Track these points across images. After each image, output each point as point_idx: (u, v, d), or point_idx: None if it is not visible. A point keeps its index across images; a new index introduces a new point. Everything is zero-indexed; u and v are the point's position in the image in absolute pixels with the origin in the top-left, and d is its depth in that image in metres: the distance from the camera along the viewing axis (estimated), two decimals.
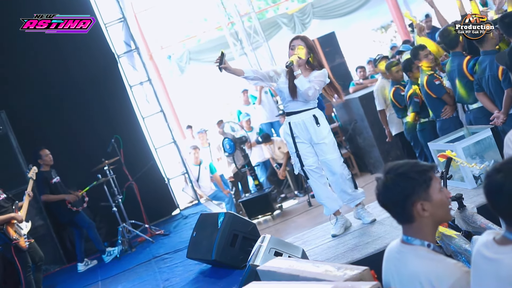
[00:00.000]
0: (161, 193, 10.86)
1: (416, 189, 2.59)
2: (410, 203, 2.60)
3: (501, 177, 2.33)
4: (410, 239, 2.66)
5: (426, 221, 2.63)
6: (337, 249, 5.65)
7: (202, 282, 6.29)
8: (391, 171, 2.64)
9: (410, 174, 2.60)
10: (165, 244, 8.77)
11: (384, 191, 2.64)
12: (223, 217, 6.30)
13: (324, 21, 18.63)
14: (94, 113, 10.50)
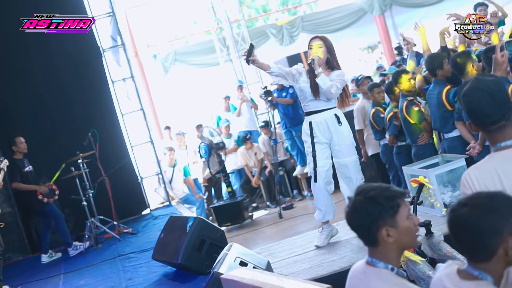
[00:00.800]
0: (133, 192, 10.81)
1: (383, 214, 2.60)
2: (375, 228, 2.61)
3: (466, 211, 2.34)
4: (375, 261, 2.67)
5: (391, 246, 2.64)
6: (302, 264, 5.66)
7: (165, 284, 6.27)
8: (361, 193, 2.65)
9: (378, 199, 2.61)
10: (132, 243, 8.73)
11: (352, 213, 2.65)
12: (192, 222, 6.29)
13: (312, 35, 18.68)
14: (74, 105, 10.45)
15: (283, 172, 12.59)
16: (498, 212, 2.31)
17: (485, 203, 2.34)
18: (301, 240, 6.65)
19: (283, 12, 23.15)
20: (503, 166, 2.92)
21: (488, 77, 3.05)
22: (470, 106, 2.99)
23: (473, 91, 2.99)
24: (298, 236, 7.01)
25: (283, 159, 12.76)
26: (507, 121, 2.96)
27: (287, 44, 18.39)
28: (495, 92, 2.95)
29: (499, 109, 2.93)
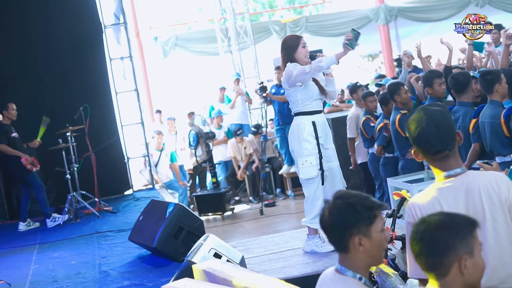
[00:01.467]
0: (117, 171, 10.80)
1: (359, 222, 2.61)
2: (349, 234, 2.62)
3: (424, 226, 2.41)
4: (344, 269, 2.69)
5: (360, 255, 2.65)
6: (276, 263, 5.68)
7: (138, 267, 6.28)
8: (340, 198, 2.67)
9: (357, 206, 2.62)
10: (110, 221, 8.73)
11: (328, 216, 2.66)
12: (172, 208, 6.29)
13: (315, 37, 18.70)
14: (69, 77, 10.43)
15: (269, 169, 12.61)
16: (454, 229, 2.37)
17: (443, 220, 2.39)
18: (279, 239, 6.67)
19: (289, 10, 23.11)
20: (445, 196, 2.98)
21: (435, 107, 3.11)
22: (415, 134, 3.04)
23: (418, 119, 3.04)
24: (276, 235, 7.04)
25: (271, 157, 12.79)
26: (450, 151, 3.01)
27: None
28: (440, 122, 3.00)
29: (443, 139, 2.99)
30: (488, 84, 5.91)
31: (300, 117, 5.86)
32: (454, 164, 3.04)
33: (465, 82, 6.42)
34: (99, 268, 6.36)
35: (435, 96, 7.00)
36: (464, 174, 3.04)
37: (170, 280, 4.44)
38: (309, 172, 5.77)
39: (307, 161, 5.77)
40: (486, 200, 2.95)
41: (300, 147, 5.79)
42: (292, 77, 5.70)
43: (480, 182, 2.99)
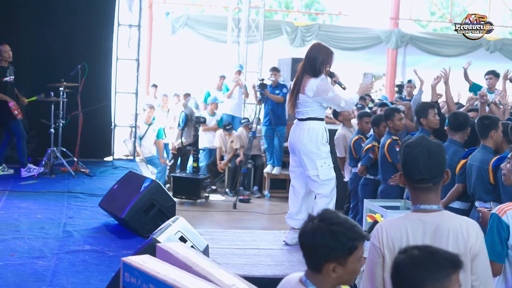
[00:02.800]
0: (102, 136, 10.74)
1: (337, 252, 2.60)
2: (324, 260, 2.62)
3: (403, 258, 2.36)
4: (308, 283, 2.68)
5: (330, 279, 2.66)
6: (239, 259, 5.68)
7: (102, 234, 6.26)
8: (325, 221, 2.64)
9: (339, 236, 2.60)
10: (84, 183, 8.70)
11: (309, 235, 2.64)
12: (148, 183, 6.28)
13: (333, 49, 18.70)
14: (75, 34, 10.36)
15: (251, 166, 12.62)
16: (430, 271, 2.33)
17: (424, 257, 2.34)
18: (246, 236, 6.67)
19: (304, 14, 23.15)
20: (414, 228, 2.98)
21: (434, 140, 3.12)
22: (407, 158, 3.04)
23: (415, 145, 3.05)
24: (244, 231, 7.05)
25: (256, 154, 12.78)
26: (434, 185, 3.01)
27: (297, 46, 18.40)
28: (435, 154, 3.01)
29: (432, 171, 2.99)
30: (485, 128, 5.93)
31: (315, 122, 6.07)
32: (433, 200, 3.04)
33: (464, 123, 6.48)
34: (63, 227, 6.33)
35: (429, 126, 7.05)
36: (439, 212, 3.04)
37: (131, 253, 4.43)
38: (328, 173, 6.06)
39: (325, 163, 6.05)
40: (452, 244, 2.95)
41: (319, 150, 6.03)
42: (337, 102, 6.02)
43: (452, 224, 2.99)
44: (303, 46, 18.41)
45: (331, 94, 5.95)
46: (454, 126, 6.50)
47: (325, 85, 5.99)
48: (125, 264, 3.22)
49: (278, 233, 6.75)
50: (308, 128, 6.05)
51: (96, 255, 5.48)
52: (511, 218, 3.58)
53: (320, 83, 5.97)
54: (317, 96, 5.98)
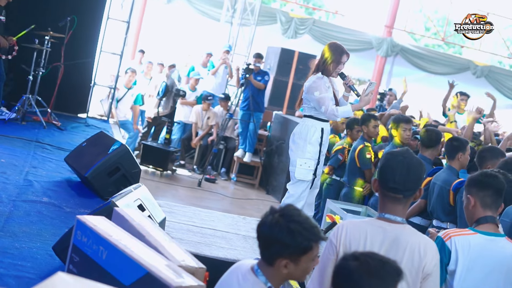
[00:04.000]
0: (80, 92, 10.64)
1: (291, 250, 2.64)
2: (278, 255, 2.66)
3: (355, 265, 2.34)
4: (259, 273, 2.72)
5: (282, 274, 2.69)
6: (194, 236, 5.69)
7: (62, 189, 6.22)
8: (285, 217, 2.67)
9: (296, 235, 2.63)
10: (54, 136, 8.63)
11: (267, 228, 2.67)
12: (117, 146, 6.25)
13: (314, 41, 18.73)
14: None
15: (223, 147, 12.62)
16: (383, 279, 2.34)
17: (376, 266, 2.34)
18: (205, 215, 6.67)
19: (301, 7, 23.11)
20: (374, 234, 3.03)
21: (416, 157, 3.16)
22: (386, 164, 3.09)
23: (397, 154, 3.10)
24: (204, 210, 7.04)
25: (229, 136, 12.79)
26: (404, 198, 3.06)
27: (289, 37, 18.39)
28: (414, 169, 3.05)
29: (407, 183, 3.04)
30: (453, 149, 6.02)
31: (312, 121, 6.03)
32: (399, 212, 3.08)
33: (435, 140, 6.56)
34: (25, 175, 6.29)
35: (368, 135, 7.36)
36: (402, 225, 3.08)
37: (88, 213, 4.42)
38: (304, 175, 6.01)
39: (306, 164, 6.00)
40: (407, 259, 2.99)
41: (304, 148, 6.00)
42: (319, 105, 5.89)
43: (411, 240, 3.02)
44: (295, 38, 18.42)
45: (317, 95, 5.86)
46: (426, 143, 6.58)
47: (317, 83, 5.89)
48: (79, 222, 3.22)
49: (237, 218, 6.77)
50: (302, 125, 6.10)
51: (53, 209, 5.46)
52: (454, 244, 3.62)
53: (314, 81, 5.93)
54: (306, 93, 5.97)
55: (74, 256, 3.23)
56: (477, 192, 3.70)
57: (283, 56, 13.49)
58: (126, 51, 12.36)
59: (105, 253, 2.99)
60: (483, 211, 3.69)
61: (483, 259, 3.60)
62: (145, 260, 2.83)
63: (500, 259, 3.61)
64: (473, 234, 3.65)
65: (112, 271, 2.95)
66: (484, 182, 3.70)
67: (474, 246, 3.61)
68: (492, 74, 20.09)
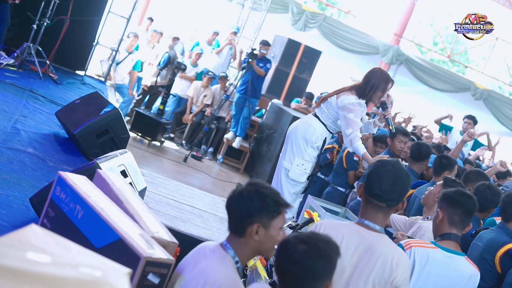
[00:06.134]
0: (81, 49, 10.59)
1: (263, 212, 2.70)
2: (249, 220, 2.70)
3: (304, 249, 2.38)
4: (228, 247, 2.76)
5: (252, 244, 2.73)
6: (171, 210, 5.69)
7: (49, 142, 6.20)
8: (254, 185, 2.73)
9: (266, 198, 2.70)
10: (49, 88, 8.59)
11: (237, 197, 2.72)
12: (110, 109, 6.24)
13: (322, 37, 18.71)
14: None
15: (214, 127, 12.62)
16: (329, 259, 2.40)
17: (324, 248, 2.40)
18: (186, 191, 6.67)
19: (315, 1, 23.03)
20: (351, 238, 3.06)
21: (406, 169, 3.18)
22: (374, 171, 3.12)
23: (387, 163, 3.13)
24: (186, 186, 7.03)
25: (222, 117, 12.78)
26: (386, 207, 3.08)
27: (298, 28, 18.35)
28: (401, 179, 3.07)
29: (391, 192, 3.06)
30: (441, 167, 6.05)
31: (322, 127, 6.05)
32: (379, 220, 3.10)
33: (425, 155, 6.59)
34: (14, 123, 6.26)
35: (391, 150, 7.17)
36: (380, 234, 3.10)
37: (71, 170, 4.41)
38: (299, 176, 6.08)
39: (303, 165, 6.05)
40: (378, 268, 3.01)
41: (305, 149, 6.02)
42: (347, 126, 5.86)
43: (385, 250, 3.05)
44: (304, 30, 18.38)
45: (351, 117, 5.82)
46: (415, 156, 6.60)
47: (357, 107, 5.86)
48: (60, 178, 3.22)
49: (217, 199, 6.77)
50: (311, 125, 6.07)
51: (36, 161, 5.44)
52: (414, 255, 3.67)
53: (355, 103, 5.88)
54: (340, 107, 5.90)
55: (50, 211, 3.23)
56: (447, 208, 3.74)
57: (289, 47, 13.47)
58: (134, 15, 12.28)
59: (81, 213, 2.99)
60: (449, 227, 3.73)
61: (438, 275, 3.65)
62: (119, 226, 2.84)
63: (455, 277, 3.67)
64: (434, 248, 3.70)
65: (85, 231, 2.95)
66: (456, 200, 3.74)
67: (432, 260, 3.66)
68: (490, 99, 20.14)
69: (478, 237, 4.96)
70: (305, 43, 13.92)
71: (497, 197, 5.21)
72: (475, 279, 3.72)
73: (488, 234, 4.90)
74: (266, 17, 15.57)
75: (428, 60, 21.46)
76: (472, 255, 4.76)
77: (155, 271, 2.69)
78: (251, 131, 12.86)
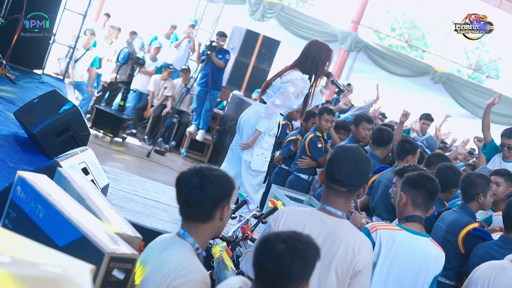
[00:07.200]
0: (38, 47, 10.43)
1: (230, 193, 2.76)
2: (221, 203, 2.74)
3: (284, 249, 2.36)
4: (186, 235, 2.76)
5: (216, 225, 2.76)
6: (135, 206, 5.68)
7: (8, 143, 6.13)
8: (207, 170, 2.75)
9: (227, 177, 2.76)
10: (6, 88, 8.48)
11: (200, 187, 2.70)
12: (69, 107, 6.18)
13: (280, 27, 18.76)
14: None
15: (176, 121, 12.58)
16: (308, 261, 2.39)
17: (304, 249, 2.38)
18: (150, 186, 6.67)
19: None
20: (313, 224, 3.07)
21: (366, 154, 3.23)
22: (334, 157, 3.14)
23: (347, 148, 3.15)
24: (149, 181, 7.02)
25: (183, 110, 12.75)
26: (348, 192, 3.10)
27: (256, 19, 18.36)
28: (361, 163, 3.10)
29: (352, 177, 3.07)
30: (404, 151, 6.12)
31: None
32: (340, 206, 3.12)
33: (387, 140, 6.67)
34: None
35: (356, 137, 7.25)
36: (341, 220, 3.12)
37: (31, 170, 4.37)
38: (260, 165, 6.06)
39: (263, 154, 6.04)
40: (340, 253, 3.04)
41: (262, 139, 6.00)
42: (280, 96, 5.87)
43: (347, 236, 3.07)
44: (262, 21, 18.40)
45: (291, 90, 5.83)
46: (377, 141, 6.67)
47: (299, 83, 5.85)
48: (20, 178, 3.19)
49: None
50: (260, 113, 6.03)
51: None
52: (379, 237, 3.73)
53: (298, 78, 5.88)
54: (284, 82, 5.90)
55: (11, 212, 3.20)
56: (410, 190, 3.81)
57: (248, 37, 13.48)
58: (91, 11, 12.17)
59: (42, 212, 2.97)
60: (412, 210, 3.80)
61: (404, 256, 3.71)
62: (81, 223, 2.83)
63: (421, 259, 3.73)
64: (399, 230, 3.75)
65: (47, 230, 2.93)
66: (418, 183, 3.81)
67: (398, 242, 3.72)
68: (449, 82, 20.41)
69: (440, 219, 5.05)
70: (264, 33, 13.94)
71: (458, 176, 5.29)
72: (441, 260, 3.79)
73: (450, 215, 4.99)
74: (224, 9, 15.54)
75: (387, 46, 21.66)
76: (435, 236, 4.83)
77: (120, 266, 2.69)
78: (213, 123, 12.85)
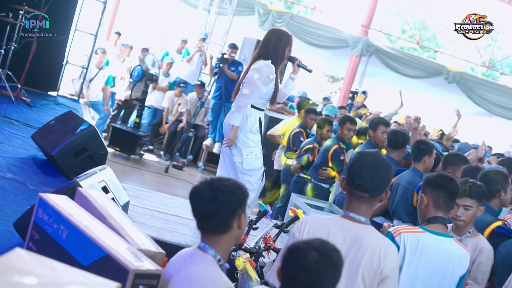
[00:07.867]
0: (51, 69, 10.52)
1: (245, 199, 2.74)
2: (237, 212, 2.73)
3: (315, 257, 2.36)
4: (207, 248, 2.75)
5: (235, 234, 2.75)
6: (156, 221, 5.70)
7: (28, 166, 6.18)
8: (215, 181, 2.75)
9: (238, 184, 2.75)
10: (22, 112, 8.55)
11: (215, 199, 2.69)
12: (86, 127, 6.23)
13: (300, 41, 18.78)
14: None
15: (192, 135, 12.61)
16: (338, 269, 2.40)
17: (335, 258, 2.39)
18: (169, 201, 6.69)
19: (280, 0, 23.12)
20: (337, 232, 3.07)
21: (386, 158, 3.23)
22: (355, 162, 3.15)
23: (367, 154, 3.16)
24: (169, 196, 7.04)
25: (199, 124, 12.78)
26: (370, 197, 3.10)
27: (265, 29, 18.35)
28: (382, 168, 3.10)
29: (373, 182, 3.08)
30: (420, 152, 6.10)
31: (251, 109, 5.87)
32: (364, 211, 3.12)
33: (402, 143, 6.65)
34: None
35: (373, 141, 7.25)
36: (366, 226, 3.11)
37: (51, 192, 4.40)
38: (253, 164, 5.93)
39: (252, 153, 5.91)
40: (366, 259, 3.03)
41: (247, 138, 5.87)
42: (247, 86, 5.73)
43: (372, 242, 3.06)
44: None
45: (255, 77, 5.70)
46: (393, 144, 6.66)
47: (264, 70, 5.72)
48: (41, 200, 3.21)
49: None
50: None
51: (17, 185, 5.42)
52: (403, 241, 3.70)
53: (262, 65, 5.76)
54: (249, 71, 5.81)
55: (34, 234, 3.22)
56: (431, 192, 3.79)
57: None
58: (101, 31, 12.24)
59: (65, 233, 2.99)
60: (434, 211, 3.78)
61: (429, 258, 3.69)
62: (105, 241, 2.84)
63: (446, 259, 3.70)
64: (422, 232, 3.73)
65: (71, 250, 2.95)
66: (439, 184, 3.79)
67: (422, 244, 3.69)
68: (463, 81, 20.30)
69: (502, 245, 4.94)
70: None
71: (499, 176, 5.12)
72: (466, 260, 3.76)
73: None
74: (233, 21, 15.58)
75: (398, 49, 21.61)
76: None
77: (145, 283, 2.70)
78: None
